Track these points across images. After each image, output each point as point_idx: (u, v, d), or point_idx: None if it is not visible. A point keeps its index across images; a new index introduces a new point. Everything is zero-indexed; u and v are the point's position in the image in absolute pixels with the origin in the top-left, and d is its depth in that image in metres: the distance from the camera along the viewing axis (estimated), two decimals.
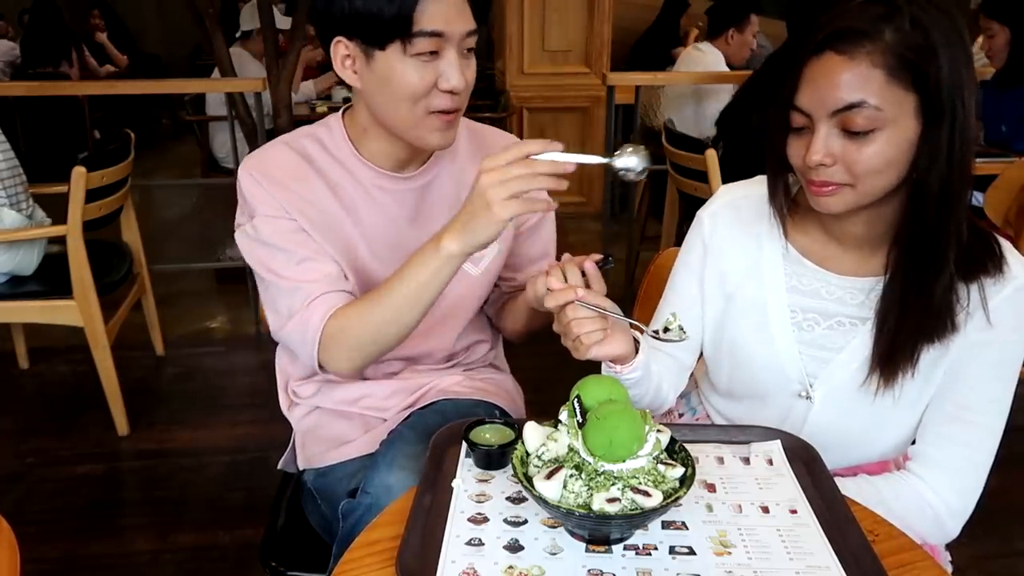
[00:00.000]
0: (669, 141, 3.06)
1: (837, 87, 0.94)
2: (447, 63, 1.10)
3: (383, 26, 1.06)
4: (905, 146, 0.96)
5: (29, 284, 2.49)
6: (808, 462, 1.01)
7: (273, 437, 1.48)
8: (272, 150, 1.23)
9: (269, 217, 1.18)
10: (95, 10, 7.50)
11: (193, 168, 5.39)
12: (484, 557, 0.84)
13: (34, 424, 2.74)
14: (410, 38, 1.06)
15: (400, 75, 1.09)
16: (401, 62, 1.08)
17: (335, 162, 1.23)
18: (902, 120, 0.95)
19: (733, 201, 1.20)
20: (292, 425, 1.38)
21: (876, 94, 0.93)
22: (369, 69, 1.11)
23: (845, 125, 0.96)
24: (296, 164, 1.21)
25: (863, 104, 0.94)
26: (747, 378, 1.18)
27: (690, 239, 1.23)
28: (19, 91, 4.94)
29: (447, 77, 1.10)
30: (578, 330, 0.99)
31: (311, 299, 1.15)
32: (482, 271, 1.30)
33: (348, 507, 1.11)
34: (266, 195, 1.18)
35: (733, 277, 1.18)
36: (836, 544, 0.86)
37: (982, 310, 1.02)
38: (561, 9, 4.67)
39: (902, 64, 0.92)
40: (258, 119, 3.33)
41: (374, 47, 1.09)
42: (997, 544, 2.12)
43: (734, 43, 3.89)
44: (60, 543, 2.10)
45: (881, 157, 0.96)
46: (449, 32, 1.08)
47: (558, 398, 0.96)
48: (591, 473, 0.85)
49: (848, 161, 0.97)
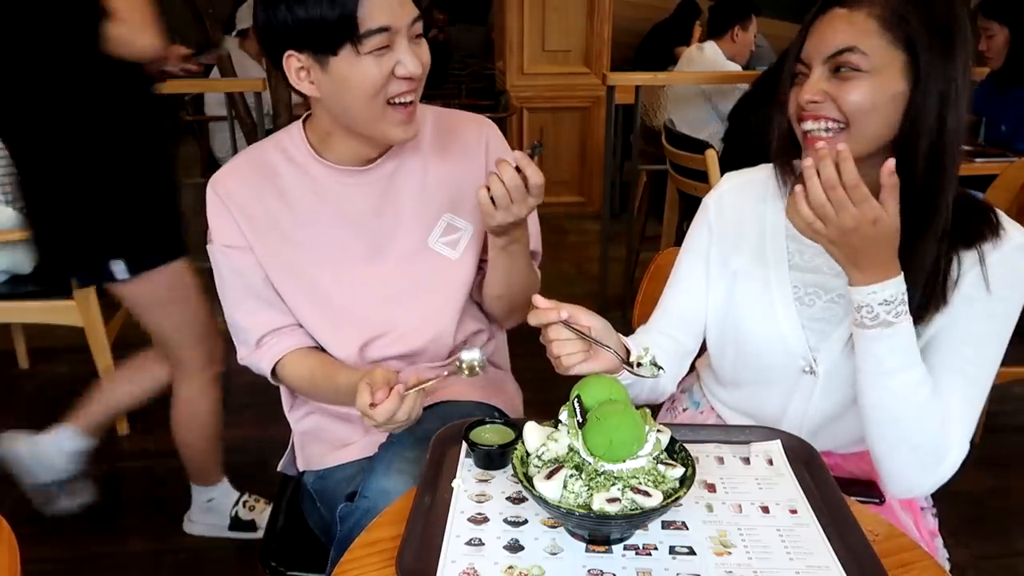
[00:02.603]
0: (669, 141, 3.06)
1: (834, 34, 1.01)
2: (400, 51, 1.12)
3: (330, 32, 1.08)
4: (890, 97, 1.00)
5: (29, 284, 2.49)
6: (808, 462, 1.01)
7: (273, 438, 1.48)
8: (235, 164, 1.28)
9: (226, 248, 1.25)
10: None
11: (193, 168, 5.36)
12: (484, 557, 0.84)
13: (34, 424, 2.72)
14: (359, 39, 1.08)
15: (358, 74, 1.11)
16: (356, 62, 1.10)
17: (295, 167, 1.25)
18: (888, 72, 0.99)
19: (737, 185, 1.23)
20: (291, 426, 1.39)
21: (866, 42, 0.99)
22: (326, 75, 1.12)
23: (836, 67, 1.01)
24: (257, 178, 1.25)
25: (853, 49, 0.99)
26: (752, 358, 1.19)
27: (696, 225, 1.25)
28: None
29: (403, 64, 1.12)
30: (558, 351, 1.02)
31: (258, 340, 1.28)
32: (460, 254, 1.29)
33: (345, 511, 1.11)
34: (226, 221, 1.24)
35: (737, 258, 1.19)
36: (836, 544, 0.86)
37: (979, 267, 1.03)
38: (561, 9, 4.67)
39: (895, 18, 0.98)
40: (258, 119, 3.33)
41: (326, 54, 1.10)
42: (997, 544, 2.12)
43: (739, 40, 3.89)
44: (60, 543, 2.10)
45: (867, 98, 1.00)
46: (396, 24, 1.10)
47: (558, 398, 0.97)
48: (591, 473, 0.85)
49: (836, 98, 1.01)
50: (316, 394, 1.30)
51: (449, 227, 1.29)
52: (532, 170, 1.08)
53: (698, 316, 1.24)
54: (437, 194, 1.28)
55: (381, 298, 1.26)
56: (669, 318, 1.25)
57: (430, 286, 1.28)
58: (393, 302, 1.26)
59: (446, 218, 1.29)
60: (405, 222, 1.27)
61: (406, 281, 1.27)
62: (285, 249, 1.24)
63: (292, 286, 1.25)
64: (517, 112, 4.73)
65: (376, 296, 1.26)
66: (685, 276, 1.25)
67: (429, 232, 1.28)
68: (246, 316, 1.28)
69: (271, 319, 1.27)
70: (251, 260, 1.24)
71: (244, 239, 1.24)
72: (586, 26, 4.72)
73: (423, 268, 1.27)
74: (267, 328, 1.27)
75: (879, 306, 0.98)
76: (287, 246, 1.24)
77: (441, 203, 1.29)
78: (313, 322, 1.27)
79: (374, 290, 1.26)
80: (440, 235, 1.28)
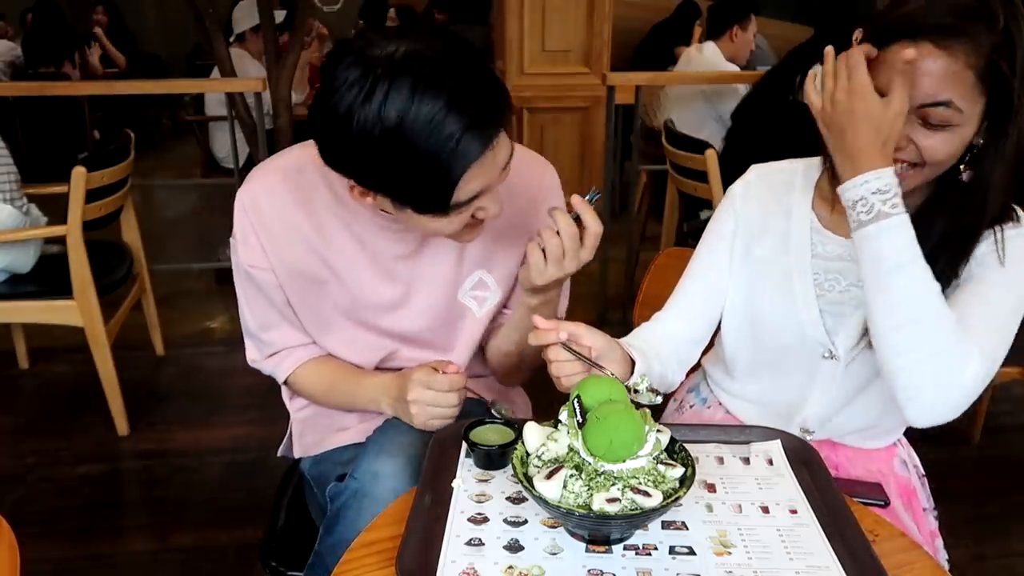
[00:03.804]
0: (669, 141, 3.06)
1: (929, 80, 0.95)
2: (489, 199, 1.02)
3: (420, 197, 0.98)
4: (967, 142, 1.00)
5: (29, 284, 2.49)
6: (808, 462, 1.01)
7: (273, 437, 1.47)
8: (271, 179, 1.16)
9: (252, 268, 1.18)
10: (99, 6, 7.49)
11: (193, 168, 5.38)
12: (484, 557, 0.84)
13: (34, 424, 2.73)
14: (449, 209, 0.99)
15: (437, 224, 1.02)
16: (434, 219, 1.01)
17: (334, 196, 1.15)
18: (972, 120, 0.98)
19: (765, 174, 1.23)
20: (291, 415, 1.39)
21: (961, 95, 0.95)
22: (400, 211, 1.02)
23: (924, 117, 0.97)
24: (291, 198, 1.15)
25: (949, 103, 0.95)
26: (770, 345, 1.19)
27: (721, 211, 1.25)
28: (19, 91, 4.95)
29: (486, 208, 1.03)
30: (558, 372, 1.03)
31: (273, 352, 1.26)
32: (484, 313, 1.26)
33: (335, 490, 1.12)
34: (253, 243, 1.16)
35: (761, 246, 1.20)
36: (836, 544, 0.86)
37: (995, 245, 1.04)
38: (561, 9, 4.66)
39: (989, 67, 0.94)
40: (258, 119, 3.33)
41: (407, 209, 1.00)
42: (997, 544, 2.12)
43: (738, 40, 3.89)
44: (60, 543, 2.10)
45: (948, 149, 0.99)
46: (489, 184, 1.00)
47: (558, 398, 0.97)
48: (591, 473, 0.85)
49: (921, 147, 0.99)
50: (331, 396, 1.27)
51: (481, 282, 1.24)
52: (591, 218, 1.01)
53: (715, 303, 1.24)
54: (475, 248, 1.20)
55: (398, 338, 1.24)
56: (687, 301, 1.25)
57: (448, 334, 1.25)
58: (408, 343, 1.25)
59: (479, 274, 1.23)
60: (438, 274, 1.21)
61: (428, 329, 1.24)
62: (304, 278, 1.18)
63: (305, 312, 1.22)
64: (517, 112, 4.72)
65: (394, 335, 1.24)
66: (706, 262, 1.25)
67: (460, 285, 1.23)
68: (264, 329, 1.24)
69: (291, 336, 1.24)
70: (273, 280, 1.18)
71: (268, 262, 1.17)
72: (586, 26, 4.71)
73: (447, 319, 1.24)
74: (284, 344, 1.25)
75: (873, 196, 0.96)
76: (307, 276, 1.18)
77: (477, 259, 1.22)
78: (322, 342, 1.25)
79: (392, 331, 1.24)
80: (470, 288, 1.23)
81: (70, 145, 5.34)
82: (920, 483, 1.23)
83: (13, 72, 6.17)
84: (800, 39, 3.07)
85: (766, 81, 2.96)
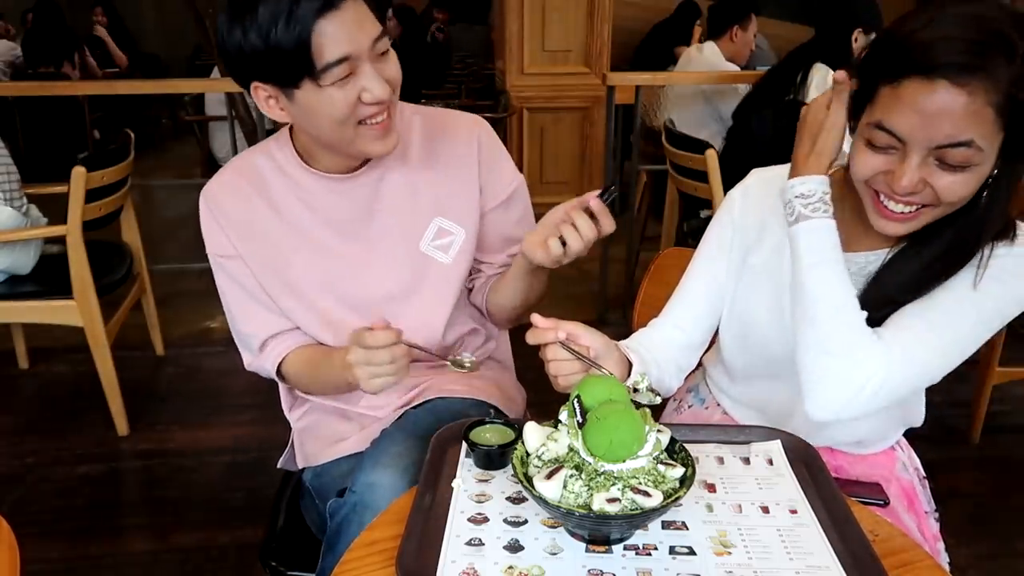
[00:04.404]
0: (669, 141, 3.06)
1: (948, 122, 0.89)
2: (365, 78, 1.08)
3: (288, 67, 1.05)
4: (985, 178, 0.95)
5: (29, 284, 2.49)
6: (808, 462, 1.01)
7: (273, 437, 1.48)
8: (223, 176, 1.28)
9: (220, 258, 1.27)
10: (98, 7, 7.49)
11: (193, 168, 5.39)
12: (484, 557, 0.84)
13: (34, 424, 2.74)
14: (318, 74, 1.05)
15: (323, 104, 1.08)
16: (320, 93, 1.07)
17: (283, 176, 1.25)
18: (991, 158, 0.93)
19: (764, 180, 1.22)
20: (291, 425, 1.39)
21: (981, 134, 0.89)
22: (293, 104, 1.11)
23: (942, 158, 0.92)
24: (246, 189, 1.25)
25: (971, 143, 0.90)
26: (759, 352, 1.19)
27: (719, 216, 1.24)
28: (19, 91, 4.95)
29: (368, 90, 1.08)
30: (556, 371, 1.03)
31: (261, 345, 1.29)
32: (453, 258, 1.29)
33: (335, 506, 1.12)
34: (215, 232, 1.25)
35: (757, 253, 1.19)
36: (836, 544, 0.86)
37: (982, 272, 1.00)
38: (561, 9, 4.67)
39: (1008, 103, 0.88)
40: (258, 119, 3.33)
41: (289, 87, 1.08)
42: (997, 544, 2.12)
43: (738, 40, 3.88)
44: (60, 543, 2.10)
45: (966, 189, 0.94)
46: (356, 51, 1.06)
47: (558, 398, 0.97)
48: (591, 473, 0.85)
49: (937, 189, 0.94)
50: (316, 380, 1.29)
51: (441, 231, 1.28)
52: (608, 220, 1.07)
53: (713, 308, 1.24)
54: (426, 198, 1.27)
55: (372, 302, 1.26)
56: (683, 308, 1.25)
57: (421, 289, 1.28)
58: (383, 306, 1.26)
59: (437, 222, 1.28)
60: (394, 227, 1.27)
61: (396, 286, 1.27)
62: (275, 258, 1.25)
63: (284, 293, 1.26)
64: (517, 112, 4.72)
65: (367, 300, 1.26)
66: (704, 267, 1.24)
67: (420, 236, 1.28)
68: (247, 322, 1.29)
69: (271, 323, 1.28)
70: (244, 268, 1.26)
71: (234, 249, 1.25)
72: (586, 26, 4.71)
73: (414, 272, 1.27)
74: (268, 332, 1.28)
75: (796, 200, 1.03)
76: (277, 255, 1.25)
77: (431, 207, 1.28)
78: (307, 326, 1.28)
79: (365, 295, 1.27)
80: (432, 239, 1.28)
81: (70, 145, 5.34)
82: (921, 485, 1.23)
83: (13, 72, 6.18)
84: (800, 39, 3.06)
85: (764, 82, 2.97)
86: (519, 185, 1.34)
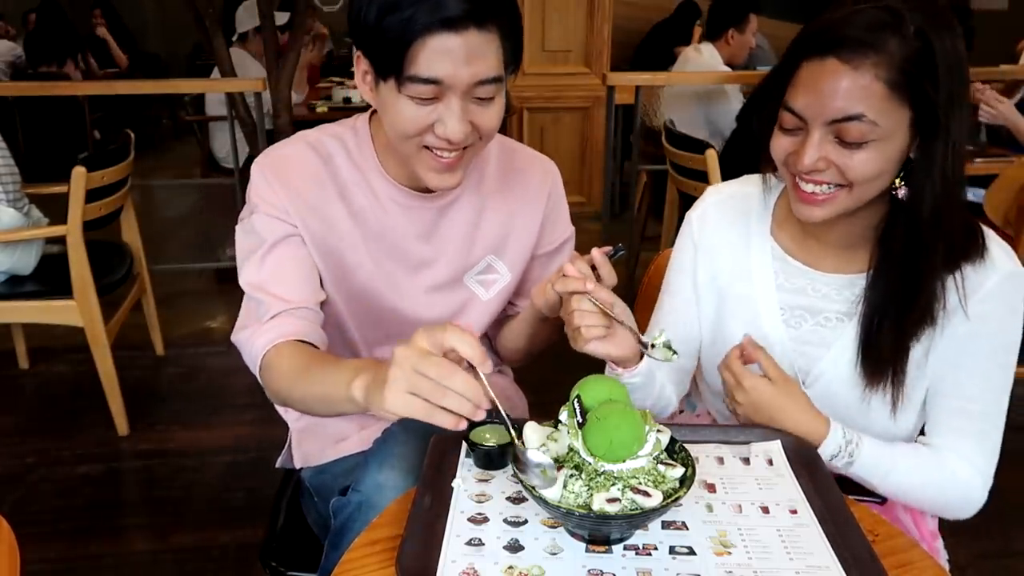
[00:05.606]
0: (669, 141, 3.06)
1: (837, 96, 0.93)
2: (447, 110, 1.01)
3: (383, 57, 1.00)
4: (896, 157, 0.97)
5: (29, 284, 2.49)
6: (808, 462, 1.01)
7: (273, 437, 1.48)
8: (291, 148, 1.19)
9: (268, 216, 1.16)
10: (96, 9, 7.50)
11: (193, 168, 5.38)
12: (484, 557, 0.84)
13: (34, 424, 2.74)
14: (403, 79, 0.99)
15: (395, 109, 1.03)
16: (396, 97, 1.02)
17: (355, 169, 1.19)
18: (897, 134, 0.95)
19: (720, 200, 1.21)
20: (289, 425, 1.39)
21: (875, 108, 0.93)
22: (377, 92, 1.07)
23: (840, 134, 0.95)
24: (313, 167, 1.17)
25: (861, 117, 0.93)
26: None
27: (681, 241, 1.24)
28: (19, 91, 4.96)
29: (444, 123, 1.02)
30: (579, 321, 1.01)
31: (267, 317, 1.11)
32: (492, 296, 1.28)
33: (338, 504, 1.11)
34: (272, 195, 1.15)
35: (724, 275, 1.18)
36: (836, 544, 0.86)
37: (966, 302, 1.02)
38: (561, 9, 4.67)
39: (903, 78, 0.92)
40: (258, 119, 3.33)
41: (378, 73, 1.03)
42: (997, 544, 2.12)
43: (735, 43, 3.88)
44: (60, 543, 2.10)
45: (873, 165, 0.96)
46: (450, 81, 0.99)
47: (558, 398, 0.96)
48: (591, 473, 0.85)
49: (841, 167, 0.97)
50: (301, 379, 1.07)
51: (489, 267, 1.26)
52: (608, 271, 1.03)
53: (691, 334, 1.23)
54: (487, 235, 1.25)
55: (402, 322, 1.24)
56: None
57: (454, 319, 1.26)
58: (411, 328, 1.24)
59: (489, 259, 1.26)
60: (448, 254, 1.24)
61: (429, 311, 1.25)
62: (332, 251, 1.18)
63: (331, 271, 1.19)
64: (517, 112, 4.73)
65: (398, 319, 1.24)
66: (675, 295, 1.24)
67: (469, 268, 1.25)
68: (276, 283, 1.14)
69: (301, 292, 1.14)
70: (291, 230, 1.16)
71: (287, 214, 1.15)
72: (586, 26, 4.71)
73: (452, 301, 1.26)
74: (285, 303, 1.13)
75: (832, 460, 1.04)
76: (335, 248, 1.18)
77: (489, 244, 1.25)
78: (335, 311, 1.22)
79: (395, 315, 1.24)
80: (478, 272, 1.26)
81: (70, 145, 5.35)
82: None
83: (13, 72, 6.18)
84: None
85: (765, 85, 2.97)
86: (570, 237, 1.33)
